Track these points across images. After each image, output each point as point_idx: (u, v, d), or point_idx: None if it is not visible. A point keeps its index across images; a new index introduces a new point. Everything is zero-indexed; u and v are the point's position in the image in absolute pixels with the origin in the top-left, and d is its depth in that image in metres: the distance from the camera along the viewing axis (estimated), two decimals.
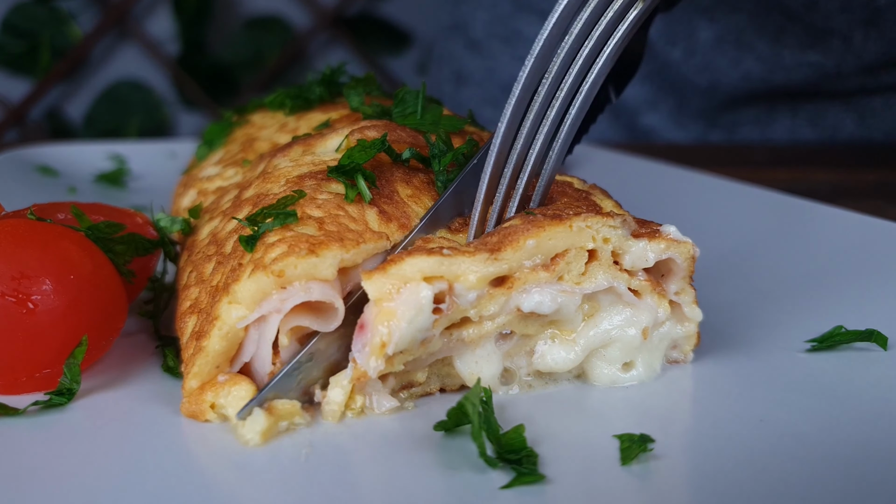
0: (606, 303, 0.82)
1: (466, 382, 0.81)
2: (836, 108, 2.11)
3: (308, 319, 0.75)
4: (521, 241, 0.77)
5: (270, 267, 0.73)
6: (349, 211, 0.81)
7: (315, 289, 0.74)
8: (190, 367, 0.76)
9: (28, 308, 0.77)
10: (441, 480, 0.66)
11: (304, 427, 0.74)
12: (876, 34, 1.92)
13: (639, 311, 0.82)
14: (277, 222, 0.79)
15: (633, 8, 0.80)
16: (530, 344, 0.82)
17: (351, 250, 0.76)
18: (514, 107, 0.80)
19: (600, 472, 0.67)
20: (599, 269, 0.80)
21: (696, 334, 0.87)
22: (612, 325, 0.82)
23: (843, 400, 0.78)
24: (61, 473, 0.67)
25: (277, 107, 1.23)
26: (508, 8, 2.30)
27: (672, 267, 0.84)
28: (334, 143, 0.94)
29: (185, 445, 0.72)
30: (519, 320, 0.80)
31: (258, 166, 0.99)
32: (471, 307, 0.76)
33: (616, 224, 0.80)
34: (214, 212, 0.96)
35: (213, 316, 0.76)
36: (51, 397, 0.77)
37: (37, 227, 0.83)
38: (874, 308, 0.99)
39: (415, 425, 0.76)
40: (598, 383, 0.83)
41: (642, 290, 0.82)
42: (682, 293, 0.85)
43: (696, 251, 0.84)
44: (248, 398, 0.74)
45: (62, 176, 1.64)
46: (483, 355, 0.80)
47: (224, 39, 3.62)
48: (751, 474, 0.66)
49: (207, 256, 0.86)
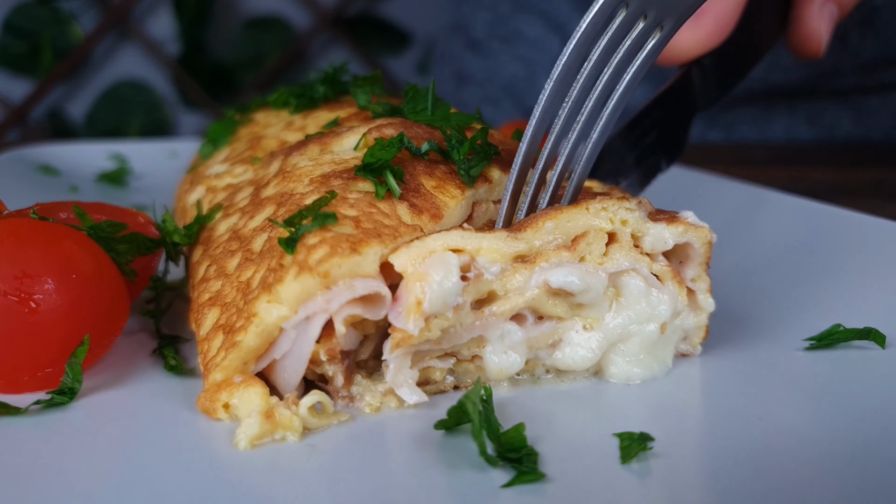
0: (631, 290, 0.83)
1: (491, 375, 0.82)
2: (833, 107, 2.11)
3: (359, 308, 0.77)
4: (540, 223, 0.80)
5: (316, 269, 0.75)
6: (381, 208, 0.83)
7: (359, 285, 0.76)
8: (219, 359, 0.77)
9: (30, 307, 0.77)
10: (442, 479, 0.66)
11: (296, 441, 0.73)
12: (872, 33, 1.92)
13: (662, 297, 0.83)
14: (317, 224, 0.80)
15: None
16: (560, 331, 0.82)
17: (390, 245, 0.78)
18: (545, 103, 0.81)
19: (600, 470, 0.67)
20: (620, 250, 0.82)
21: (705, 326, 0.88)
22: (632, 317, 0.83)
23: (842, 399, 0.79)
24: (63, 473, 0.67)
25: (281, 105, 1.23)
26: (509, 8, 2.30)
27: (690, 253, 0.86)
28: (351, 142, 0.96)
29: (187, 444, 0.72)
30: (548, 297, 0.80)
31: (271, 164, 1.00)
32: (496, 279, 0.78)
33: (632, 206, 0.82)
34: (230, 208, 0.97)
35: (249, 313, 0.77)
36: (52, 396, 0.77)
37: (39, 227, 0.83)
38: (872, 306, 0.99)
39: (415, 424, 0.76)
40: (614, 380, 0.84)
41: (663, 275, 0.84)
42: (698, 280, 0.86)
43: (713, 236, 0.85)
44: (259, 402, 0.74)
45: (64, 175, 1.64)
46: (511, 344, 0.81)
47: (224, 40, 3.63)
48: (750, 473, 0.67)
49: (230, 252, 0.87)
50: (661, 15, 0.78)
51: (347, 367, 0.79)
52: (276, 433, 0.72)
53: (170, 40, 3.57)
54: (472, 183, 0.89)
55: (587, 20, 0.77)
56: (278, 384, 0.79)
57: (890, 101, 2.09)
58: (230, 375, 0.77)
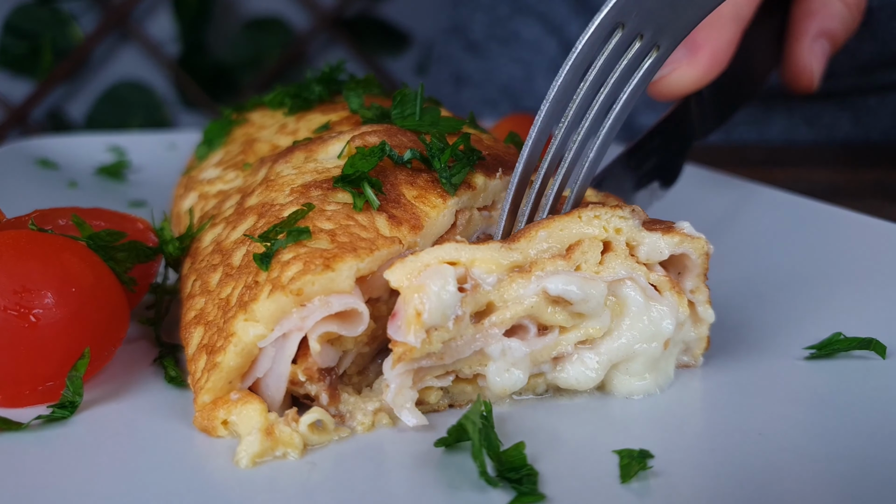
0: (631, 306, 0.82)
1: (494, 393, 0.81)
2: (831, 108, 2.11)
3: (334, 325, 0.76)
4: (533, 232, 0.80)
5: (289, 287, 0.74)
6: (359, 220, 0.82)
7: (335, 301, 0.75)
8: (203, 381, 0.76)
9: (30, 322, 0.77)
10: (442, 499, 0.66)
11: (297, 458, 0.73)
12: (869, 35, 1.92)
13: (663, 310, 0.82)
14: (291, 239, 0.79)
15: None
16: (563, 344, 0.82)
17: (365, 259, 0.77)
18: (542, 122, 0.81)
19: (600, 490, 0.67)
20: (616, 259, 0.82)
21: (706, 337, 0.88)
22: (636, 336, 0.82)
23: (842, 410, 0.78)
24: (65, 489, 0.67)
25: (277, 105, 1.23)
26: (507, 10, 2.30)
27: (687, 264, 0.85)
28: (336, 149, 0.94)
29: (188, 459, 0.72)
30: (547, 305, 0.80)
31: (259, 171, 1.00)
32: (493, 290, 0.78)
33: (626, 214, 0.82)
34: (217, 217, 0.96)
35: (227, 332, 0.76)
36: (53, 410, 0.77)
37: (38, 240, 0.83)
38: (873, 314, 0.99)
39: (414, 441, 0.76)
40: (616, 393, 0.84)
41: (661, 285, 0.83)
42: (696, 291, 0.86)
43: (710, 248, 0.85)
44: (258, 419, 0.74)
45: (62, 169, 1.62)
46: (514, 360, 0.80)
47: (224, 40, 3.62)
48: (750, 489, 0.66)
49: (212, 266, 0.86)
50: (656, 35, 0.79)
51: (330, 385, 0.78)
52: (277, 450, 0.72)
53: (169, 41, 3.57)
54: (455, 191, 0.87)
55: (584, 39, 0.77)
56: (267, 402, 0.78)
57: (888, 101, 2.08)
58: (218, 396, 0.76)
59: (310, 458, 0.73)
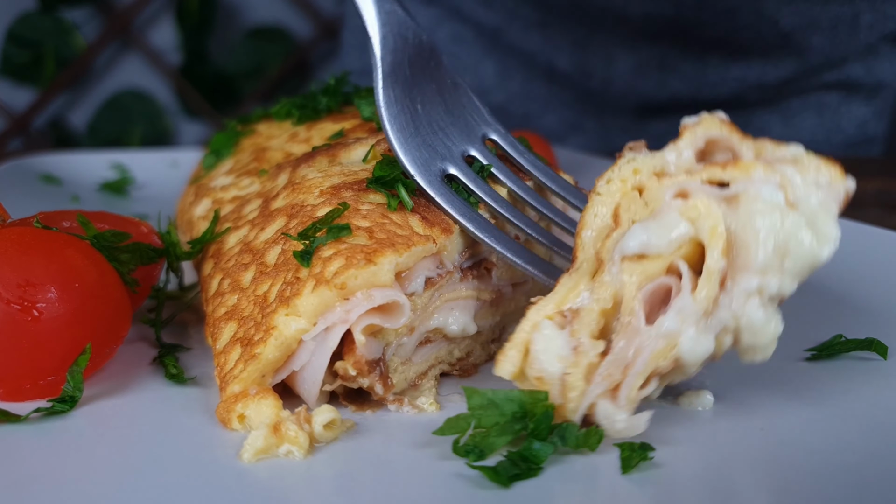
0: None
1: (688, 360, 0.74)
2: (761, 113, 2.19)
3: (377, 318, 0.78)
4: (577, 241, 0.77)
5: (332, 281, 0.76)
6: (393, 219, 0.84)
7: (377, 294, 0.77)
8: (237, 371, 0.77)
9: (33, 315, 0.77)
10: (443, 493, 0.66)
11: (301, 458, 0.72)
12: (786, 52, 2.05)
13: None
14: (331, 236, 0.81)
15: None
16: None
17: (404, 254, 0.79)
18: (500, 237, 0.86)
19: (601, 480, 0.67)
20: (661, 181, 0.75)
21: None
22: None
23: (843, 411, 0.78)
24: (63, 481, 0.67)
25: (284, 116, 1.23)
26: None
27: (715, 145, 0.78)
28: (360, 153, 0.97)
29: (187, 454, 0.72)
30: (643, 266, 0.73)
31: (279, 176, 1.01)
32: (592, 302, 0.73)
33: (630, 156, 0.77)
34: (238, 221, 0.98)
35: (267, 326, 0.77)
36: (53, 404, 0.77)
37: (42, 235, 0.83)
38: (874, 317, 0.99)
39: (416, 435, 0.76)
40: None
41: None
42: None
43: (723, 115, 0.78)
44: (270, 414, 0.75)
45: (66, 184, 1.64)
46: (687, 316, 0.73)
47: (226, 49, 3.63)
48: (751, 484, 0.67)
49: (243, 265, 0.88)
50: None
51: (382, 375, 0.79)
52: (282, 447, 0.72)
53: (171, 50, 3.58)
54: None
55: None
56: (301, 395, 0.80)
57: (809, 102, 2.16)
58: (248, 387, 0.77)
59: (312, 456, 0.72)
